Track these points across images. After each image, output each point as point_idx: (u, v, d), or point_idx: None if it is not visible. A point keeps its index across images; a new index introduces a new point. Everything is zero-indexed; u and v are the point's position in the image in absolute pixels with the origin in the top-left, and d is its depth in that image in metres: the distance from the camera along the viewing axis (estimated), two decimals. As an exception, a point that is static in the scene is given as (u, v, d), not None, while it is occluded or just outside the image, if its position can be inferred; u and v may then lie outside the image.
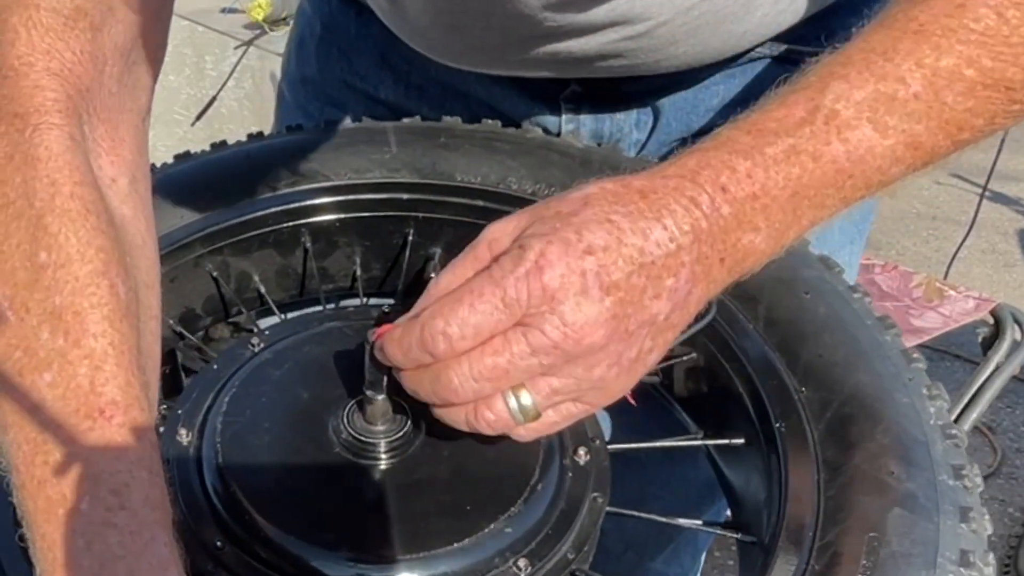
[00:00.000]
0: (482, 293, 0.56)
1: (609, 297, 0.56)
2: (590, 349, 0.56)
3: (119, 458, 0.52)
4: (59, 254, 0.55)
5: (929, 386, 0.67)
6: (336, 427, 0.65)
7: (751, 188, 0.58)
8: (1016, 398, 2.66)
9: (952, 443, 0.64)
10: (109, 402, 0.53)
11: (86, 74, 0.60)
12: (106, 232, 0.57)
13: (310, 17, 1.00)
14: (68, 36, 0.59)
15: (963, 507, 0.60)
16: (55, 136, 0.57)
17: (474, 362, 0.57)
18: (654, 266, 0.56)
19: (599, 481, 0.66)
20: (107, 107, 0.62)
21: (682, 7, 0.77)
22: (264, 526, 0.61)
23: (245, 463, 0.64)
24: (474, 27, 0.80)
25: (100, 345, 0.54)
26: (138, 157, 0.65)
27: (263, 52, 2.49)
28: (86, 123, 0.61)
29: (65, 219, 0.55)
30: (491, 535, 0.61)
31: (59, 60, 0.59)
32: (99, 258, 0.55)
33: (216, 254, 0.81)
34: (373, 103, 0.96)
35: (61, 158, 0.57)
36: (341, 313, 0.77)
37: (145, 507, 0.51)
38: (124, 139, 0.64)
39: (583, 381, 0.58)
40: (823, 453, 0.64)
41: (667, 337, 0.60)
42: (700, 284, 0.59)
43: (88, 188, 0.57)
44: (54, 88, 0.58)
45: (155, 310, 0.63)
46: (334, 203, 0.83)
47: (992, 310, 1.83)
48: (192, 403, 0.69)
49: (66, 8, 0.59)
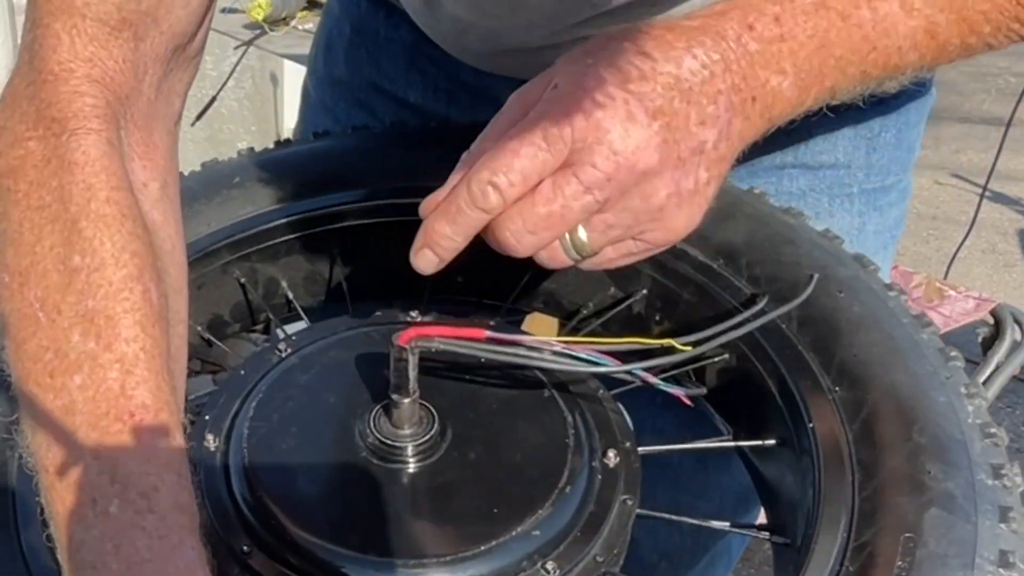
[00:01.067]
0: (523, 138, 0.56)
1: (656, 122, 0.55)
2: (645, 175, 0.56)
3: (148, 461, 0.52)
4: (93, 258, 0.55)
5: (968, 384, 0.66)
6: (363, 431, 0.65)
7: (778, 30, 0.58)
8: (1016, 398, 2.63)
9: (991, 442, 0.62)
10: (139, 405, 0.53)
11: (126, 82, 0.61)
12: (141, 237, 0.57)
13: (339, 18, 1.00)
14: (111, 45, 0.60)
15: (1003, 507, 0.58)
16: (92, 141, 0.58)
17: (526, 215, 0.57)
18: (692, 92, 0.56)
19: (629, 483, 0.65)
20: (144, 114, 0.63)
21: None
22: (291, 530, 0.60)
23: (272, 468, 0.64)
24: (516, 30, 0.79)
25: (132, 349, 0.54)
26: (170, 162, 0.66)
27: (263, 52, 2.49)
28: (123, 128, 0.61)
29: (100, 224, 0.56)
30: (519, 538, 0.60)
31: (101, 68, 0.59)
32: (133, 263, 0.56)
33: (244, 260, 0.80)
34: (401, 106, 0.96)
35: (98, 163, 0.57)
36: (368, 319, 0.76)
37: (174, 511, 0.52)
38: (158, 145, 0.64)
39: (641, 213, 0.57)
40: (857, 453, 0.62)
41: (721, 169, 0.60)
42: (738, 116, 0.59)
43: (124, 193, 0.58)
44: (94, 94, 0.59)
45: (183, 314, 0.63)
46: (361, 208, 0.83)
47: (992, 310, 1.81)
48: (219, 408, 0.69)
49: (112, 19, 0.59)
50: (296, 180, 0.83)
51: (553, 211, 0.56)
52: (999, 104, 3.95)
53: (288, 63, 2.38)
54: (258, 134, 2.49)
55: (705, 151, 0.58)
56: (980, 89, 4.40)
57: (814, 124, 0.88)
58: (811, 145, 0.88)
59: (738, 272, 0.74)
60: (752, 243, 0.75)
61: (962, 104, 4.08)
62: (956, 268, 2.90)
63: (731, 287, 0.74)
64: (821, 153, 0.89)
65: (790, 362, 0.69)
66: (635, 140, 0.55)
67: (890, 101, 0.90)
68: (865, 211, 0.91)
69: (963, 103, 3.98)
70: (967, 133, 4.11)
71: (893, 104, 0.90)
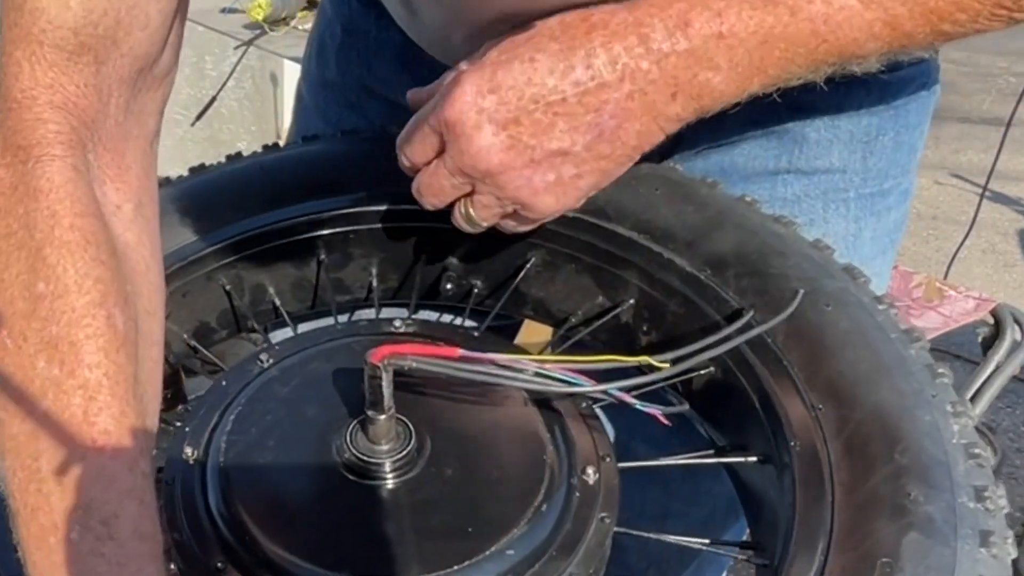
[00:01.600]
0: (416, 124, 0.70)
1: (505, 131, 0.64)
2: (489, 172, 0.66)
3: (109, 488, 0.53)
4: (57, 285, 0.55)
5: (955, 403, 0.64)
6: (339, 446, 0.64)
7: (718, 27, 0.61)
8: (1016, 398, 2.62)
9: (975, 463, 0.61)
10: (101, 432, 0.54)
11: (90, 106, 0.61)
12: (105, 263, 0.57)
13: (331, 19, 0.99)
14: (71, 71, 0.60)
15: (984, 531, 0.57)
16: (57, 168, 0.58)
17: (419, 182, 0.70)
18: (565, 103, 0.63)
19: (607, 501, 0.64)
20: (113, 136, 0.63)
21: None
22: (264, 547, 0.60)
23: (247, 482, 0.63)
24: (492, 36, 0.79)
25: (95, 376, 0.55)
26: (145, 182, 0.66)
27: (263, 52, 2.48)
28: (91, 152, 0.62)
29: (64, 250, 0.56)
30: (492, 557, 0.59)
31: (62, 94, 0.60)
32: (96, 289, 0.56)
33: (229, 267, 0.80)
34: (392, 108, 0.95)
35: (63, 190, 0.58)
36: (352, 328, 0.76)
37: (133, 538, 0.52)
38: (131, 166, 0.65)
39: (504, 199, 0.68)
40: (838, 474, 0.61)
41: (600, 164, 0.67)
42: (635, 119, 0.64)
43: (89, 219, 0.58)
44: (57, 120, 0.59)
45: (156, 336, 0.63)
46: (349, 215, 0.82)
47: (992, 310, 1.80)
48: (199, 420, 0.68)
49: (70, 44, 0.59)
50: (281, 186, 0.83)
51: (432, 183, 0.69)
52: (999, 104, 3.93)
53: (288, 63, 2.37)
54: (258, 134, 2.48)
55: (572, 152, 0.65)
56: (980, 89, 4.39)
57: (808, 128, 0.87)
58: (805, 150, 0.87)
59: (725, 284, 0.73)
60: (740, 254, 0.74)
61: (962, 104, 4.07)
62: (956, 268, 2.89)
63: (718, 299, 0.73)
64: (816, 158, 0.87)
65: (775, 377, 0.68)
66: (477, 145, 0.64)
67: (889, 101, 0.88)
68: (861, 216, 0.89)
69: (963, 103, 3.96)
70: (967, 133, 4.08)
71: (892, 105, 0.88)
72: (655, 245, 0.76)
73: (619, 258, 0.77)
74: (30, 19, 0.59)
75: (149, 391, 0.60)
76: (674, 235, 0.76)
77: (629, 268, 0.77)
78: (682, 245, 0.75)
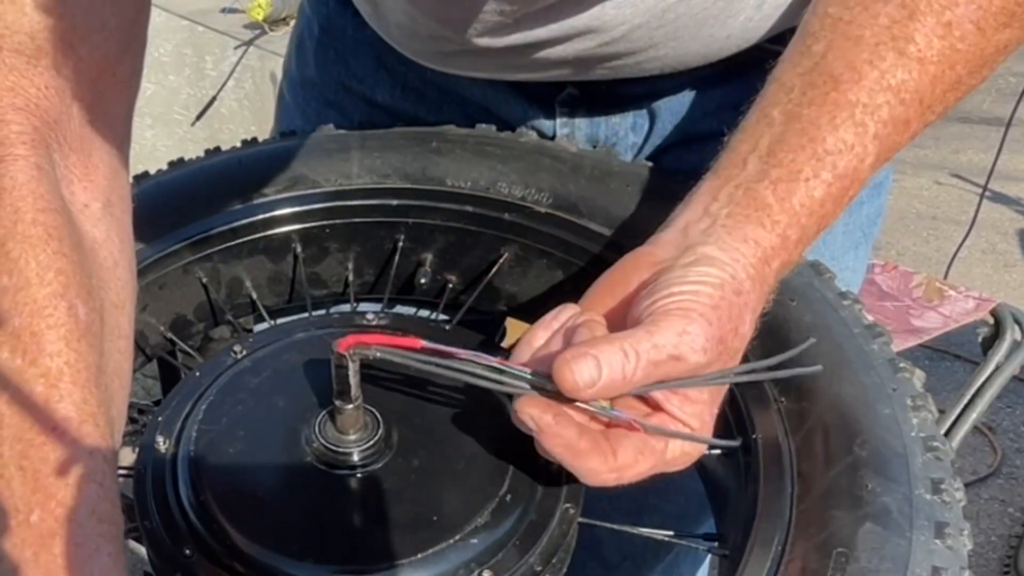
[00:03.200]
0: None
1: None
2: None
3: (69, 472, 0.54)
4: (19, 278, 0.57)
5: (915, 396, 0.65)
6: (308, 436, 0.65)
7: (795, 258, 0.64)
8: (1016, 398, 2.63)
9: (933, 455, 0.62)
10: (63, 418, 0.55)
11: (52, 108, 0.62)
12: (67, 255, 0.59)
13: (309, 18, 1.00)
14: (32, 73, 0.61)
15: (939, 522, 0.58)
16: (20, 166, 0.59)
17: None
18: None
19: (572, 491, 0.65)
20: (78, 136, 0.64)
21: (656, 9, 0.75)
22: (232, 536, 0.61)
23: (217, 472, 0.64)
24: (452, 37, 0.80)
25: (56, 364, 0.56)
26: (113, 181, 0.67)
27: (263, 52, 2.49)
28: (56, 152, 0.63)
29: (26, 244, 0.57)
30: (456, 547, 0.60)
31: (24, 96, 0.61)
32: (58, 281, 0.57)
33: (205, 261, 0.81)
34: (370, 106, 0.96)
35: (25, 187, 0.59)
36: (326, 320, 0.77)
37: (91, 519, 0.53)
38: (98, 165, 0.66)
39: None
40: (799, 465, 0.63)
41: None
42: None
43: (51, 214, 0.59)
44: (19, 122, 0.61)
45: (125, 329, 0.64)
46: (324, 209, 0.83)
47: (992, 310, 1.81)
48: (172, 410, 0.69)
49: (27, 48, 0.61)
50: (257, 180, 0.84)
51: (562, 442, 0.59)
52: (999, 104, 3.93)
53: None
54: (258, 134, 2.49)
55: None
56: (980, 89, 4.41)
57: None
58: None
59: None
60: (709, 250, 0.74)
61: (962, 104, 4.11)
62: (956, 268, 2.90)
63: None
64: None
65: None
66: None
67: None
68: None
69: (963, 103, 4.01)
70: (967, 133, 4.09)
71: None
72: (625, 241, 0.77)
73: (590, 254, 0.78)
74: None
75: (116, 381, 0.61)
76: (646, 232, 0.77)
77: (599, 264, 0.78)
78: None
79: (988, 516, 2.31)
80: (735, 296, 0.60)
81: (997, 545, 2.23)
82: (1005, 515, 2.30)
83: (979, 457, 2.47)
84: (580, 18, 0.76)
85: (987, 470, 2.43)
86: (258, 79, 2.50)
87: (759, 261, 0.61)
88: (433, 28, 0.80)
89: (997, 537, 2.25)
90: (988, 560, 2.19)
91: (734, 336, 0.60)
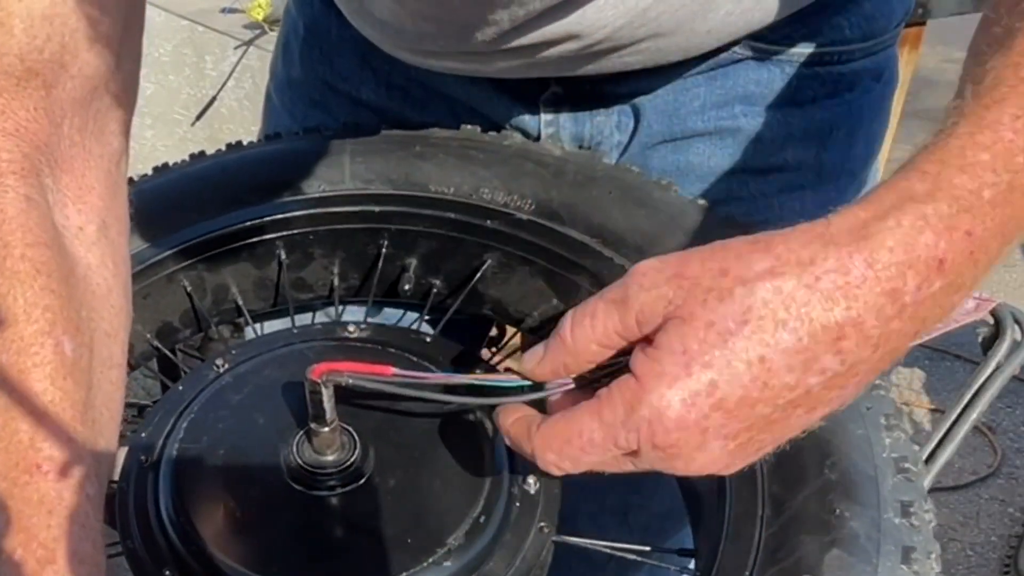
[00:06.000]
0: (592, 439, 0.53)
1: (734, 441, 0.51)
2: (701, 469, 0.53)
3: (52, 512, 0.55)
4: (7, 314, 0.57)
5: (889, 415, 0.66)
6: (287, 456, 0.66)
7: (969, 248, 0.49)
8: (1016, 398, 2.62)
9: (904, 477, 0.62)
10: (46, 458, 0.56)
11: (42, 130, 0.62)
12: (55, 291, 0.59)
13: (295, 18, 1.00)
14: (21, 95, 0.61)
15: (906, 547, 0.59)
16: (10, 199, 0.59)
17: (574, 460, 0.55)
18: (809, 396, 0.50)
19: (547, 510, 0.66)
20: (70, 157, 0.64)
21: (635, 9, 0.75)
22: (211, 557, 0.62)
23: (196, 492, 0.65)
24: (436, 37, 0.80)
25: (41, 403, 0.56)
26: (109, 202, 0.66)
27: (263, 52, 2.46)
28: (48, 176, 0.63)
29: (14, 280, 0.58)
30: (430, 569, 0.61)
31: (13, 120, 0.61)
32: (45, 318, 0.58)
33: (190, 269, 0.81)
34: (356, 105, 0.96)
35: (15, 220, 0.59)
36: (306, 333, 0.77)
37: (73, 561, 0.54)
38: (93, 186, 0.65)
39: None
40: (770, 487, 0.63)
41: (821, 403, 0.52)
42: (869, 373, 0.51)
43: (40, 248, 0.59)
44: (8, 148, 0.60)
45: (117, 358, 0.64)
46: (307, 216, 0.83)
47: (992, 310, 1.80)
48: (154, 427, 0.70)
49: (17, 70, 0.60)
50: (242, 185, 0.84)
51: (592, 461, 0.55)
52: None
53: None
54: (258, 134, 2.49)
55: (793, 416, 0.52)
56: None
57: (763, 127, 0.87)
58: (760, 148, 0.88)
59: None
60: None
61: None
62: None
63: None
64: (770, 156, 0.88)
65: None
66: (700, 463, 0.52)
67: (843, 94, 0.88)
68: (818, 212, 0.90)
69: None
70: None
71: (845, 99, 0.89)
72: (606, 250, 0.77)
73: (571, 262, 0.78)
74: None
75: (104, 414, 0.61)
76: (625, 240, 0.77)
77: (580, 272, 0.78)
78: (633, 250, 0.76)
79: (988, 516, 2.32)
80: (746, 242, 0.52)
81: (997, 545, 2.24)
82: (1005, 515, 2.31)
83: (979, 457, 2.47)
84: (561, 24, 0.75)
85: (987, 470, 2.44)
86: (258, 79, 2.48)
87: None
88: (420, 28, 0.80)
89: (997, 537, 2.26)
90: (988, 560, 2.19)
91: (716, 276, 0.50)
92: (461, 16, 0.76)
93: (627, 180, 0.82)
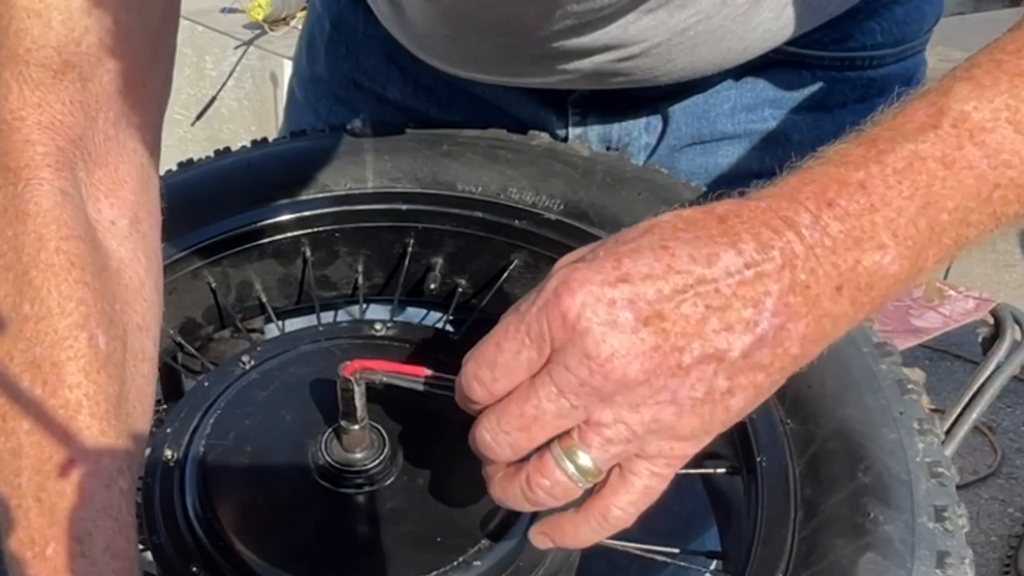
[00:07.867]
0: (507, 330, 0.51)
1: (647, 328, 0.49)
2: (624, 384, 0.49)
3: (84, 506, 0.54)
4: (41, 307, 0.57)
5: (922, 419, 0.65)
6: (315, 454, 0.65)
7: (867, 199, 0.50)
8: (1016, 398, 2.64)
9: (938, 482, 0.62)
10: (79, 451, 0.55)
11: (77, 124, 0.62)
12: (89, 284, 0.59)
13: (320, 14, 0.99)
14: (58, 88, 0.61)
15: (940, 551, 0.58)
16: (45, 192, 0.59)
17: (500, 412, 0.51)
18: (719, 294, 0.49)
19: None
20: (104, 151, 0.64)
21: (676, 28, 0.75)
22: (238, 553, 0.62)
23: (223, 488, 0.65)
24: (470, 41, 0.80)
25: (75, 396, 0.56)
26: (141, 196, 0.66)
27: (263, 52, 2.48)
28: (82, 170, 0.63)
29: (49, 273, 0.58)
30: (460, 568, 0.61)
31: (49, 112, 0.61)
32: (79, 311, 0.58)
33: (215, 265, 0.81)
34: (381, 103, 0.96)
35: (49, 214, 0.59)
36: (332, 331, 0.77)
37: (105, 555, 0.54)
38: (125, 180, 0.65)
39: (635, 426, 0.50)
40: (802, 490, 0.62)
41: (755, 379, 0.51)
42: (801, 319, 0.50)
43: (74, 242, 0.59)
44: (44, 142, 0.60)
45: (149, 351, 0.64)
46: (333, 213, 0.83)
47: (992, 310, 1.80)
48: (180, 422, 0.70)
49: (54, 63, 0.60)
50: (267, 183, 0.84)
51: (526, 411, 0.50)
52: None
53: (288, 63, 2.36)
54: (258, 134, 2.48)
55: (727, 359, 0.50)
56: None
57: (792, 129, 0.87)
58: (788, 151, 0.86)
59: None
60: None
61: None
62: (956, 268, 2.87)
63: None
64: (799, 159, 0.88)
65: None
66: (611, 346, 0.48)
67: (873, 99, 0.88)
68: None
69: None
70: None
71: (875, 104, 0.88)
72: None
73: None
74: (15, 40, 0.60)
75: (137, 408, 0.61)
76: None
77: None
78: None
79: (988, 516, 2.32)
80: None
81: (997, 545, 2.24)
82: (1005, 515, 2.32)
83: (979, 457, 2.48)
84: (602, 34, 0.75)
85: (987, 470, 2.44)
86: (258, 79, 2.49)
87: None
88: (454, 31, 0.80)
89: (997, 537, 2.26)
90: (988, 560, 2.19)
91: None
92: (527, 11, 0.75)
93: (656, 181, 0.81)
